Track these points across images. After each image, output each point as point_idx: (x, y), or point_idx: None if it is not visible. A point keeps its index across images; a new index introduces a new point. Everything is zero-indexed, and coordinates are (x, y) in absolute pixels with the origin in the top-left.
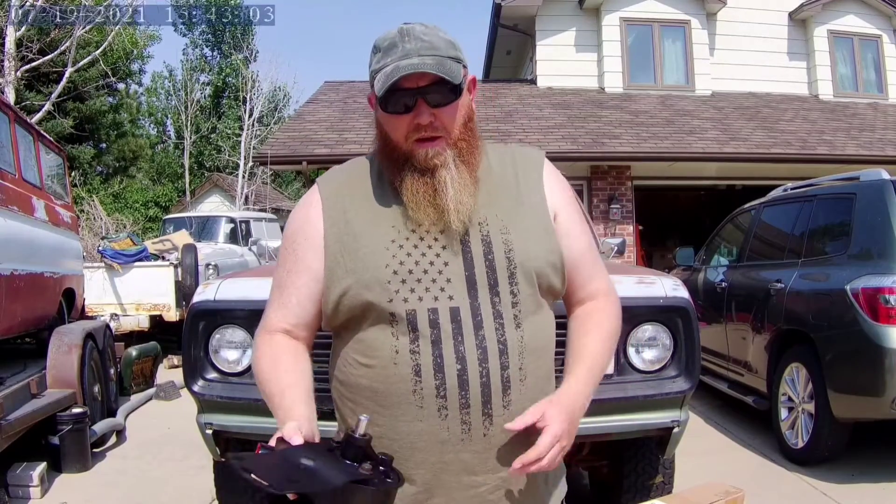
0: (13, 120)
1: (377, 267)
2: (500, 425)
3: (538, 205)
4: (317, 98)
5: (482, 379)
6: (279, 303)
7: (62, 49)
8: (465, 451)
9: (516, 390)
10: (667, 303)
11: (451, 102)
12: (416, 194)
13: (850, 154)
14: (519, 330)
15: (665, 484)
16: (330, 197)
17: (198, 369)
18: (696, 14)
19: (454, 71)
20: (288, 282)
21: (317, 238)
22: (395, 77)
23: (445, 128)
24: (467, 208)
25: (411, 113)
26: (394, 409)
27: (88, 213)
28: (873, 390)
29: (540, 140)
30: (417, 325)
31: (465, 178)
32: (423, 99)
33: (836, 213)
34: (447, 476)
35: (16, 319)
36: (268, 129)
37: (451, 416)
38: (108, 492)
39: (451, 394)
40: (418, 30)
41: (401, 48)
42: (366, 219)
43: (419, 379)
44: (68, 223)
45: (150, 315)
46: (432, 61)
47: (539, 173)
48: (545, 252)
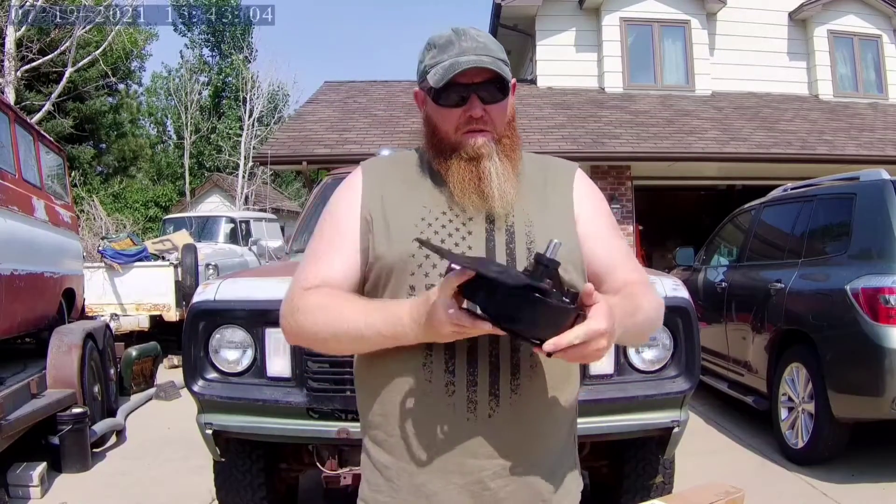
0: (13, 120)
1: (404, 241)
2: (507, 408)
3: (563, 207)
4: (317, 98)
5: (491, 359)
6: (317, 263)
7: (62, 49)
8: (469, 431)
9: (526, 376)
10: (667, 303)
11: (501, 101)
12: (462, 181)
13: (850, 154)
14: None
15: (665, 484)
16: (370, 178)
17: (198, 369)
18: (696, 14)
19: (506, 72)
20: (323, 249)
21: (353, 211)
22: (457, 70)
23: (493, 123)
24: (510, 197)
25: (464, 106)
26: (403, 384)
27: (88, 213)
28: (873, 390)
29: (540, 140)
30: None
31: (508, 170)
32: (476, 95)
33: (836, 213)
34: (449, 456)
35: (16, 319)
36: (268, 129)
37: (457, 393)
38: (108, 492)
39: (459, 370)
40: (473, 32)
41: (457, 46)
42: (400, 198)
43: (430, 353)
44: (68, 223)
45: (150, 315)
46: (489, 60)
47: (569, 180)
48: (565, 249)
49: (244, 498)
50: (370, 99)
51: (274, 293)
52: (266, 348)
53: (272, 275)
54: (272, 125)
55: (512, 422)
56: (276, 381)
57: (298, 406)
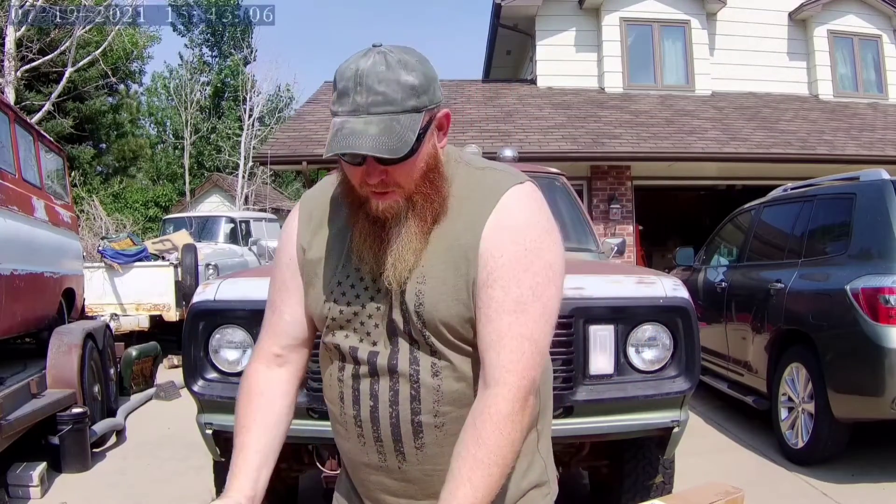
0: (13, 120)
1: (320, 305)
2: (414, 464)
3: (466, 248)
4: (317, 98)
5: (391, 420)
6: (270, 323)
7: (62, 49)
8: (386, 478)
9: (430, 434)
10: (667, 303)
11: (404, 161)
12: (363, 241)
13: (850, 154)
14: (436, 378)
15: (665, 484)
16: (303, 220)
17: (198, 369)
18: (696, 14)
19: (401, 138)
20: (279, 300)
21: (292, 258)
22: (333, 151)
23: (398, 183)
24: (406, 266)
25: (363, 166)
26: (334, 423)
27: (88, 213)
28: (873, 390)
29: (540, 140)
30: (345, 358)
31: (413, 233)
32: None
33: (835, 213)
34: (375, 493)
35: (16, 319)
36: (268, 129)
37: (367, 445)
38: (108, 492)
39: (366, 426)
40: (377, 74)
41: (351, 99)
42: (321, 252)
43: (343, 405)
44: (68, 223)
45: (150, 315)
46: (376, 129)
47: (489, 209)
48: (455, 303)
49: None
50: None
51: None
52: None
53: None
54: (272, 125)
55: (422, 474)
56: None
57: (298, 406)
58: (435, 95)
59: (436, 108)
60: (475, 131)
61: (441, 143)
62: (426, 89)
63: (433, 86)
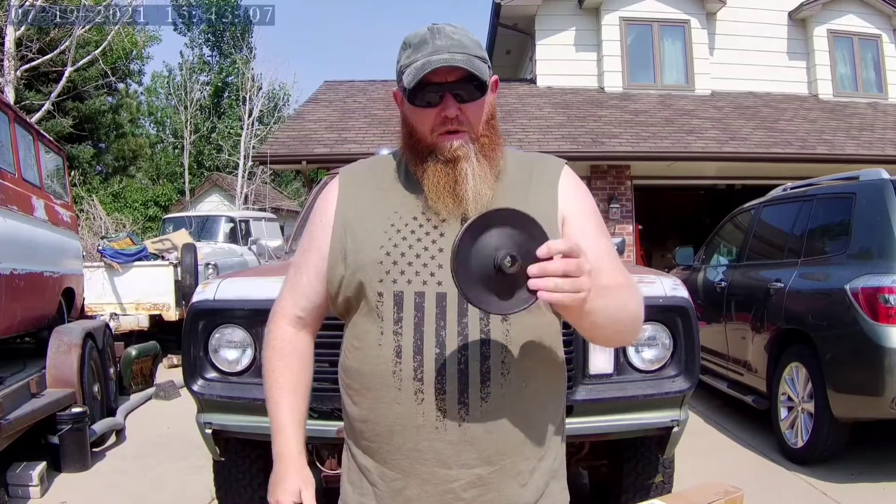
0: (13, 119)
1: (372, 247)
2: (477, 417)
3: (545, 205)
4: (316, 98)
5: (459, 366)
6: (292, 283)
7: (62, 48)
8: (440, 441)
9: (496, 383)
10: (666, 302)
11: (477, 99)
12: (437, 184)
13: (850, 154)
14: (505, 323)
15: (665, 484)
16: (347, 184)
17: (197, 369)
18: (696, 14)
19: (482, 69)
20: (301, 261)
21: (328, 220)
22: (428, 70)
23: (470, 123)
24: (486, 199)
25: (438, 106)
26: (376, 390)
27: (88, 213)
28: (873, 390)
29: (539, 140)
30: (403, 306)
31: (486, 171)
32: (451, 94)
33: (835, 212)
34: (421, 466)
35: (15, 319)
36: (268, 129)
37: (426, 401)
38: (107, 491)
39: (428, 377)
40: (448, 29)
41: (431, 45)
42: (371, 204)
43: (399, 360)
44: (68, 223)
45: (149, 314)
46: (462, 58)
47: (555, 178)
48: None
49: (244, 498)
50: (369, 98)
51: (273, 293)
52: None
53: (271, 274)
54: (272, 125)
55: (483, 431)
56: None
57: None
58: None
59: (490, 69)
60: None
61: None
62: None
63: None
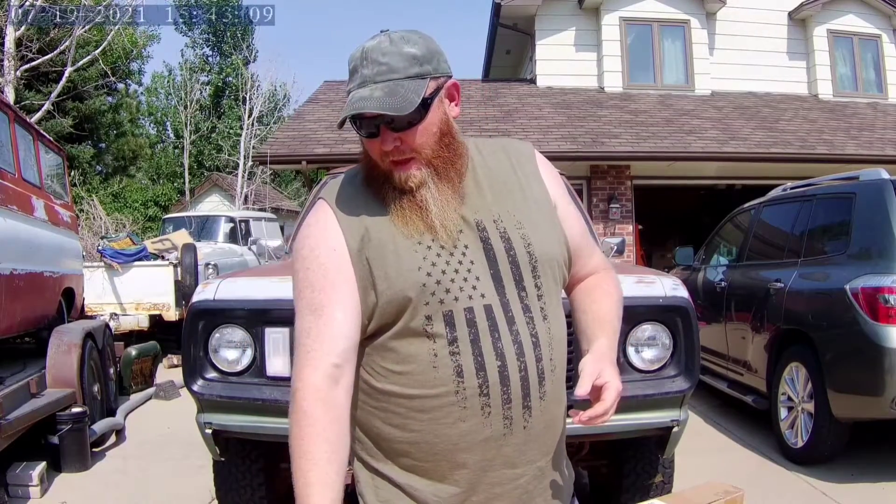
0: (13, 119)
1: (410, 270)
2: (538, 416)
3: (542, 197)
4: (316, 98)
5: (521, 373)
6: (318, 330)
7: (62, 48)
8: (507, 446)
9: (549, 380)
10: (666, 302)
11: (414, 125)
12: (402, 211)
13: (850, 154)
14: (546, 322)
15: (665, 484)
16: (341, 208)
17: (197, 369)
18: (696, 14)
19: (405, 98)
20: (323, 300)
21: (340, 249)
22: (347, 114)
23: (415, 149)
24: (454, 223)
25: (378, 138)
26: (433, 412)
27: (88, 213)
28: (873, 390)
29: (540, 139)
30: (455, 325)
31: (447, 195)
32: (385, 125)
33: (835, 212)
34: (490, 472)
35: (15, 319)
36: (268, 129)
37: (493, 413)
38: (107, 491)
39: (494, 391)
40: (382, 48)
41: (359, 74)
42: (380, 227)
43: (461, 379)
44: (68, 223)
45: (149, 314)
46: (381, 93)
47: (534, 165)
48: (558, 244)
49: (244, 498)
50: None
51: (273, 293)
52: (266, 348)
53: (271, 274)
54: (272, 125)
55: (544, 427)
56: (276, 380)
57: None
58: (440, 66)
59: (442, 77)
60: (475, 131)
61: (453, 112)
62: (429, 59)
63: (437, 57)
